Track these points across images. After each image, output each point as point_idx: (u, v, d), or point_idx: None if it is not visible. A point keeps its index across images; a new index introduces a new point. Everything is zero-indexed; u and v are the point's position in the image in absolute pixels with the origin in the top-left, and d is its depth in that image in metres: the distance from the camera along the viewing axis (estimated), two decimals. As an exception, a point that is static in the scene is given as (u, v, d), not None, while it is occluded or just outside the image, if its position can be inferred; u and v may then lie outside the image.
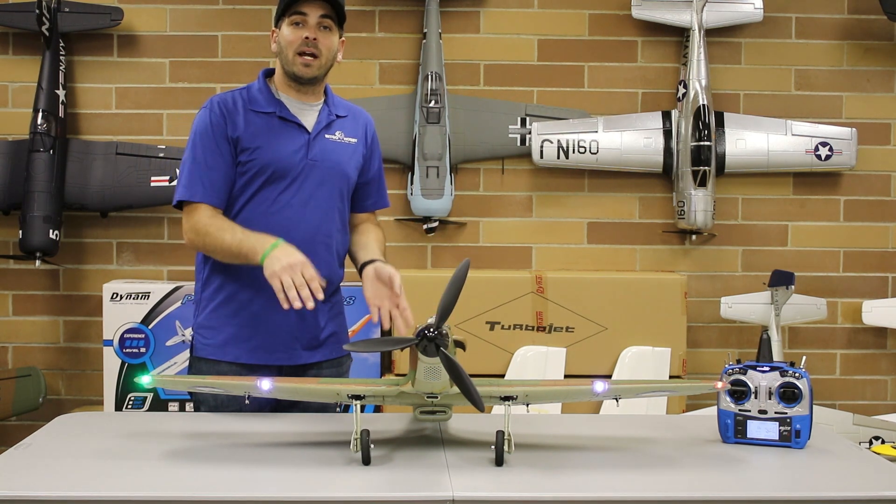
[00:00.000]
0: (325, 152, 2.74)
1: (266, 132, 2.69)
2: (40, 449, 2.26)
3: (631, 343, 4.25)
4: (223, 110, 2.69)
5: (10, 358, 4.59)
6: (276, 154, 2.68)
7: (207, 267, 2.77)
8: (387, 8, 4.55)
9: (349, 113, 2.84)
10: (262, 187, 2.69)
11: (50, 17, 4.34)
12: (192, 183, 2.67)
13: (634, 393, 2.41)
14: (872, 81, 4.65)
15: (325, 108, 2.78)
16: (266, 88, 2.76)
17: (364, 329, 4.26)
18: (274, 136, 2.69)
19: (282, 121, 2.71)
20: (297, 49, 2.67)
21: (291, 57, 2.68)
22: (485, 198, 4.62)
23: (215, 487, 2.00)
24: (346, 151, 2.78)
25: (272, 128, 2.70)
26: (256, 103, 2.72)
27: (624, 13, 4.56)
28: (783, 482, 2.15)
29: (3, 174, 4.38)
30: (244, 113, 2.70)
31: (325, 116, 2.76)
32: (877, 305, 4.52)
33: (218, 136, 2.68)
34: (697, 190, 4.41)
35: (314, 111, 2.76)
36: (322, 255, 2.73)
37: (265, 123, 2.70)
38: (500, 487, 2.03)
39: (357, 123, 2.85)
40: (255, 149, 2.68)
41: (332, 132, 2.76)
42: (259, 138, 2.68)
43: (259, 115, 2.71)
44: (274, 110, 2.72)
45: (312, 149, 2.72)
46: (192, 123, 2.74)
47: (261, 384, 2.27)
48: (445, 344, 2.05)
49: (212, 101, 2.73)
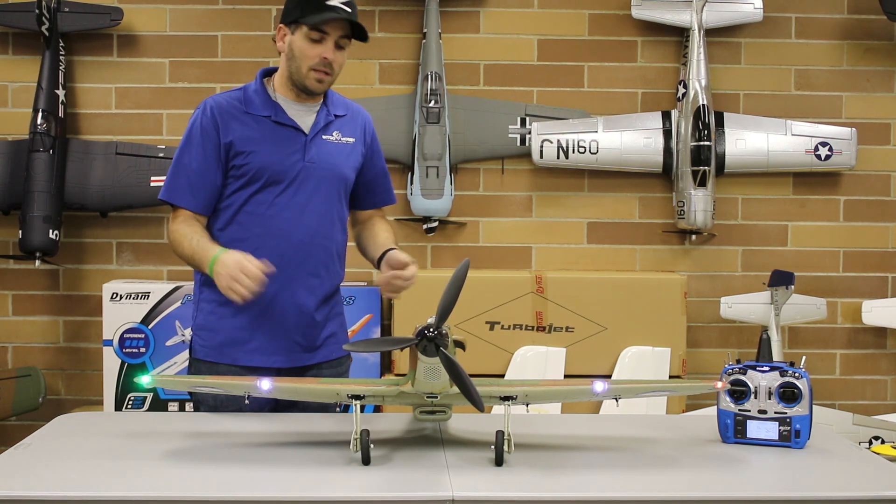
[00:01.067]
0: (323, 154, 2.72)
1: (261, 136, 2.68)
2: (40, 449, 2.26)
3: (631, 343, 4.25)
4: (215, 114, 2.68)
5: (10, 358, 4.59)
6: (271, 158, 2.67)
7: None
8: (387, 8, 4.56)
9: (348, 111, 2.82)
10: (259, 191, 2.68)
11: (50, 17, 4.34)
12: (175, 186, 2.71)
13: (634, 393, 2.42)
14: (872, 81, 4.65)
15: (324, 108, 2.76)
16: (263, 90, 2.73)
17: (364, 329, 4.27)
18: (270, 139, 2.68)
19: (278, 124, 2.69)
20: (312, 66, 2.64)
21: (305, 71, 2.65)
22: (485, 198, 4.63)
23: (215, 487, 2.00)
24: (343, 152, 2.77)
25: (268, 131, 2.68)
26: (252, 106, 2.70)
27: (624, 13, 4.56)
28: (783, 482, 2.15)
29: (3, 174, 4.38)
30: (240, 116, 2.68)
31: (322, 118, 2.74)
32: (877, 305, 4.52)
33: (206, 140, 2.67)
34: (697, 190, 4.41)
35: (312, 112, 2.74)
36: (320, 257, 2.73)
37: (261, 127, 2.68)
38: (499, 487, 2.03)
39: (355, 122, 2.83)
40: (250, 153, 2.66)
41: (329, 133, 2.75)
42: (254, 142, 2.67)
43: (255, 119, 2.69)
44: (270, 114, 2.69)
45: (309, 151, 2.70)
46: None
47: (260, 384, 2.27)
48: (445, 344, 2.05)
49: (205, 104, 2.71)
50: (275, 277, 2.65)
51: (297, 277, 2.70)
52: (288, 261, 2.67)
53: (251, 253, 2.58)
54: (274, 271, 2.52)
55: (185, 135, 2.72)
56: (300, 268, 2.70)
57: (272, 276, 2.65)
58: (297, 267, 2.70)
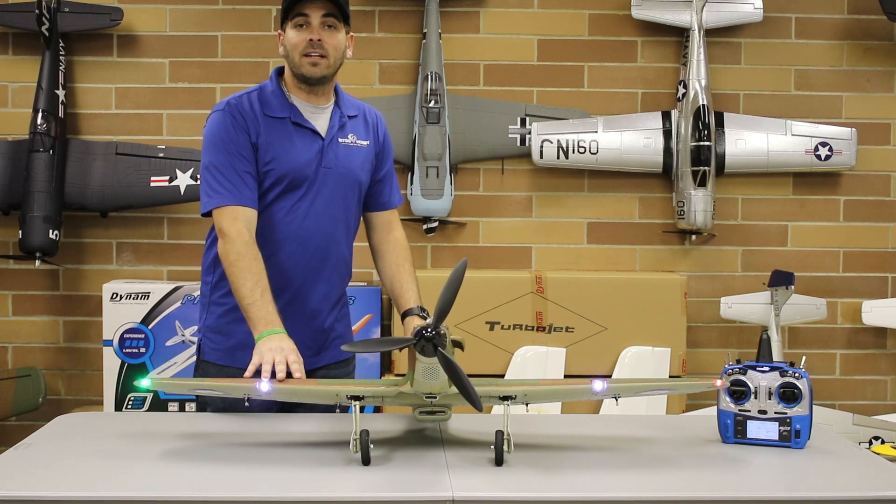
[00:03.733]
0: (339, 158, 2.70)
1: (282, 139, 2.65)
2: (40, 449, 2.26)
3: (631, 343, 4.25)
4: (242, 115, 2.63)
5: (10, 358, 4.59)
6: (293, 163, 2.64)
7: (218, 271, 2.69)
8: (387, 8, 4.55)
9: (359, 112, 2.81)
10: (279, 197, 2.65)
11: (50, 17, 4.34)
12: (213, 192, 2.60)
13: (633, 391, 2.41)
14: (872, 81, 4.65)
15: (337, 109, 2.74)
16: (279, 91, 2.70)
17: (364, 329, 4.27)
18: (290, 143, 2.65)
19: (296, 126, 2.67)
20: (302, 51, 2.62)
21: (298, 59, 2.63)
22: (485, 198, 4.63)
23: (215, 487, 2.00)
24: (359, 156, 2.75)
25: (288, 134, 2.65)
26: (270, 107, 2.67)
27: (624, 13, 4.55)
28: (783, 482, 2.15)
29: (3, 174, 4.37)
30: (260, 118, 2.65)
31: (336, 119, 2.72)
32: (877, 305, 4.52)
33: (238, 134, 2.61)
34: (697, 190, 4.42)
35: (326, 114, 2.72)
36: (334, 262, 2.73)
37: (281, 129, 2.65)
38: (499, 487, 2.03)
39: (368, 123, 2.81)
40: (273, 159, 2.63)
41: (345, 135, 2.73)
42: (276, 147, 2.63)
43: (274, 121, 2.65)
44: (288, 115, 2.67)
45: (326, 155, 2.68)
46: (199, 126, 2.70)
47: (260, 386, 2.27)
48: (443, 344, 2.05)
49: (228, 104, 2.66)
50: (290, 282, 2.66)
51: (312, 283, 2.70)
52: (304, 266, 2.68)
53: (268, 258, 2.58)
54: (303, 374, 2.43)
55: (207, 141, 2.65)
56: (315, 273, 2.70)
57: (287, 281, 2.65)
58: (312, 273, 2.69)
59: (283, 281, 2.65)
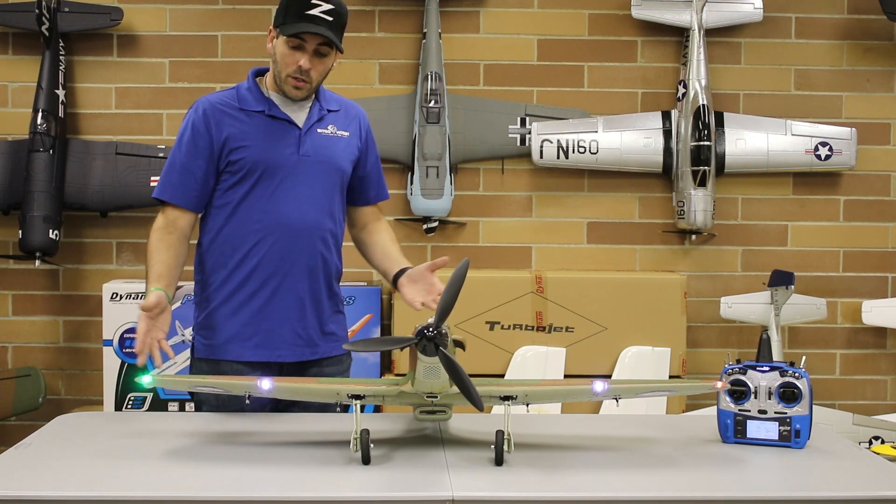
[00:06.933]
0: (318, 147, 2.74)
1: (256, 130, 2.70)
2: (40, 449, 2.26)
3: (631, 343, 4.25)
4: (208, 113, 2.71)
5: (10, 358, 4.59)
6: (266, 152, 2.69)
7: (205, 268, 2.78)
8: (387, 8, 4.55)
9: (341, 107, 2.84)
10: (256, 184, 2.69)
11: (50, 16, 4.34)
12: (164, 183, 2.75)
13: (634, 393, 2.41)
14: (872, 81, 4.65)
15: (317, 104, 2.78)
16: (255, 87, 2.76)
17: (364, 329, 4.27)
18: (264, 133, 2.70)
19: (271, 118, 2.72)
20: (290, 73, 2.68)
21: (284, 76, 2.69)
22: (485, 198, 4.62)
23: (215, 487, 2.00)
24: (339, 144, 2.78)
25: (262, 126, 2.71)
26: (245, 102, 2.73)
27: (624, 13, 4.55)
28: (783, 482, 2.15)
29: (3, 174, 4.37)
30: (233, 113, 2.71)
31: (315, 112, 2.76)
32: (876, 305, 4.51)
33: (197, 138, 2.70)
34: (697, 190, 4.42)
35: (304, 108, 2.76)
36: (319, 249, 2.74)
37: (255, 122, 2.71)
38: (499, 487, 2.03)
39: (349, 117, 2.85)
40: (245, 147, 2.69)
41: (324, 126, 2.77)
42: (249, 137, 2.69)
43: (248, 114, 2.72)
44: (263, 108, 2.72)
45: (304, 144, 2.72)
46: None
47: (261, 384, 2.28)
48: (445, 343, 2.05)
49: (198, 104, 2.75)
50: (275, 270, 2.68)
51: (297, 269, 2.72)
52: (287, 252, 2.70)
53: (251, 248, 2.68)
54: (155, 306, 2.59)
55: (177, 136, 2.76)
56: (300, 259, 2.71)
57: (273, 270, 2.67)
58: (296, 258, 2.71)
59: (269, 269, 2.69)
